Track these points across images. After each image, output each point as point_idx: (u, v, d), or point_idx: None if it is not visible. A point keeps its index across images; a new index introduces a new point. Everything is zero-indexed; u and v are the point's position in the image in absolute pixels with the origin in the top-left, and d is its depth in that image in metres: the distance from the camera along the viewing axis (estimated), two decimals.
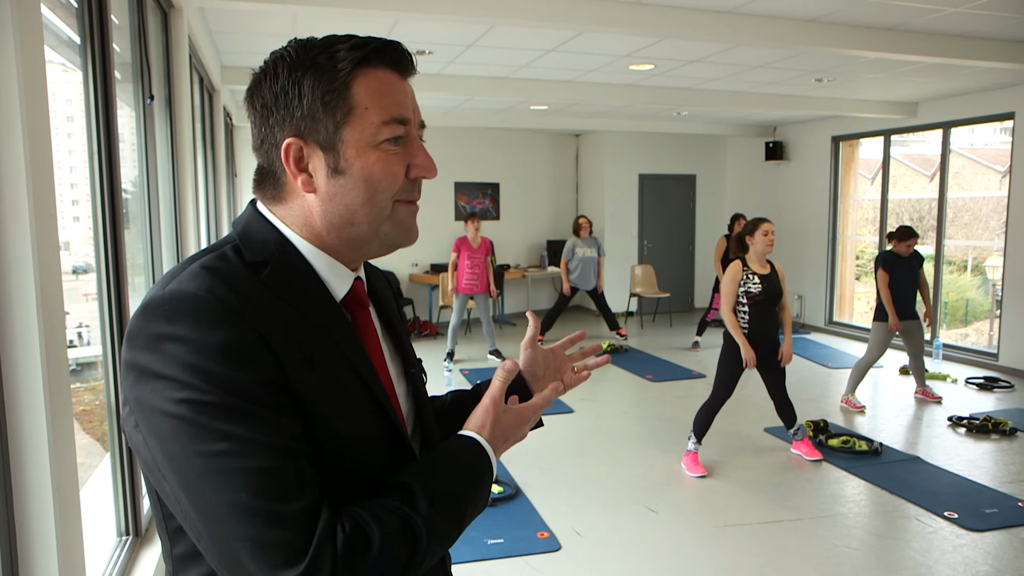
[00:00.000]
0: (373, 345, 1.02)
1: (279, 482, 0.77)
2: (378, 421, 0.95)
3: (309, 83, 0.90)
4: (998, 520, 4.03)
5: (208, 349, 0.79)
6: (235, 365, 0.79)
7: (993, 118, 7.83)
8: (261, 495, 0.76)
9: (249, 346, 0.81)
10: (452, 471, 0.93)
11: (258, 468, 0.77)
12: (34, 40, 1.50)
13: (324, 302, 0.95)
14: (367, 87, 0.91)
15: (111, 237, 2.44)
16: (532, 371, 1.25)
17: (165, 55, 3.72)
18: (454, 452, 0.97)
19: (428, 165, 0.96)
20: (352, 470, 0.90)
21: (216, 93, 6.07)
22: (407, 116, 0.94)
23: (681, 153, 11.55)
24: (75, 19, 2.32)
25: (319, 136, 0.91)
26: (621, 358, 8.30)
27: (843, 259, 10.00)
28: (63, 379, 1.59)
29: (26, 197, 1.43)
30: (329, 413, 0.88)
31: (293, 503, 0.77)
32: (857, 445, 5.11)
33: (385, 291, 1.16)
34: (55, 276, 1.58)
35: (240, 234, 0.95)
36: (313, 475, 0.81)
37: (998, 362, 7.69)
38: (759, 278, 4.68)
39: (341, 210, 0.93)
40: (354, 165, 0.91)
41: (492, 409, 1.01)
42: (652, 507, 4.26)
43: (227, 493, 0.76)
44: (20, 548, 1.49)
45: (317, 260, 0.96)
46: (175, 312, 0.81)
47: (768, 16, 4.84)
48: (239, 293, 0.85)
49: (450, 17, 4.32)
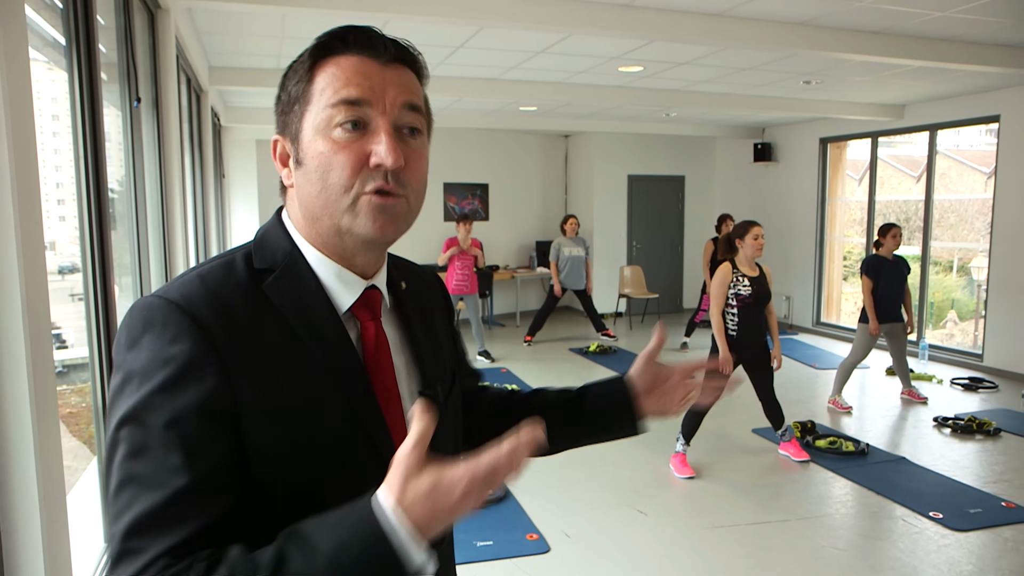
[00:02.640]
0: (383, 359, 0.96)
1: (150, 518, 0.76)
2: (360, 441, 0.90)
3: (287, 81, 0.93)
4: (982, 520, 4.06)
5: (160, 363, 0.80)
6: (177, 383, 0.80)
7: (979, 120, 7.89)
8: (129, 524, 0.76)
9: (200, 364, 0.81)
10: (329, 550, 0.71)
11: (138, 499, 0.77)
12: (18, 41, 1.49)
13: (322, 314, 0.91)
14: (325, 73, 0.89)
15: (97, 237, 2.42)
16: (642, 384, 1.18)
17: (152, 56, 3.69)
18: (350, 523, 0.73)
19: (386, 152, 0.86)
20: (317, 487, 0.85)
21: (204, 94, 6.04)
22: (360, 97, 0.87)
23: (670, 154, 11.58)
24: (60, 20, 2.31)
25: (291, 129, 0.92)
26: (610, 359, 8.32)
27: (831, 260, 10.05)
28: (49, 381, 1.57)
29: (10, 196, 1.41)
30: (291, 430, 0.85)
31: (152, 541, 0.76)
32: (844, 446, 5.13)
33: (428, 302, 1.11)
34: (40, 276, 1.57)
35: (256, 240, 0.96)
36: (192, 515, 0.77)
37: (983, 363, 7.75)
38: (749, 280, 4.69)
39: (305, 202, 0.91)
40: (308, 153, 0.89)
41: (400, 471, 0.73)
42: (641, 509, 4.26)
43: (112, 507, 0.79)
44: (5, 554, 1.47)
45: (323, 268, 0.93)
46: (149, 319, 0.83)
47: (757, 19, 4.86)
48: (220, 306, 0.85)
49: (439, 19, 4.31)
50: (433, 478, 0.72)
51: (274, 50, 5.80)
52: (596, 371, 7.82)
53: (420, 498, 0.71)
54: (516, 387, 1.33)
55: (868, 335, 6.12)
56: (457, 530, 0.87)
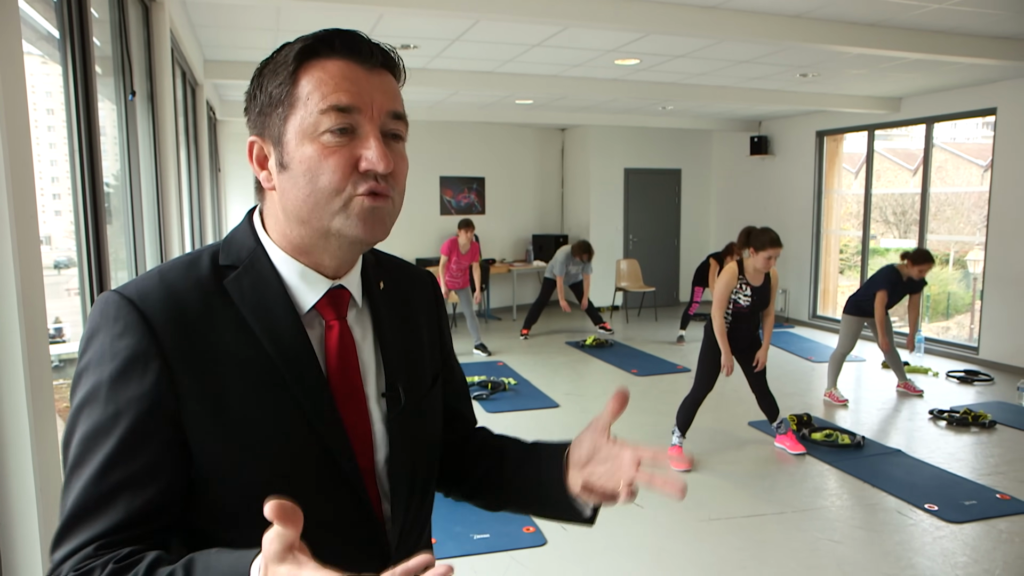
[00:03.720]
0: (347, 359, 0.96)
1: (83, 503, 0.82)
2: (312, 444, 0.90)
3: (265, 81, 0.92)
4: (977, 512, 4.08)
5: (108, 355, 0.84)
6: (121, 376, 0.84)
7: (975, 113, 7.90)
8: (68, 507, 0.82)
9: (144, 359, 0.84)
10: None
11: (77, 482, 0.83)
12: (12, 34, 1.48)
13: (280, 312, 0.92)
14: (310, 77, 0.88)
15: (93, 231, 2.42)
16: (580, 457, 1.04)
17: (147, 49, 3.68)
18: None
19: (377, 158, 0.87)
20: (269, 491, 0.73)
21: (199, 87, 6.02)
22: (350, 104, 0.87)
23: (666, 148, 11.57)
24: (54, 13, 2.30)
25: (273, 131, 0.91)
26: (606, 352, 8.34)
27: (827, 253, 10.06)
28: (45, 375, 1.57)
29: (6, 190, 1.41)
30: (236, 432, 0.86)
31: (82, 527, 0.81)
32: (840, 439, 5.15)
33: (414, 302, 1.11)
34: (36, 271, 1.56)
35: (225, 239, 0.97)
36: (120, 507, 0.82)
37: (978, 356, 7.77)
38: (751, 290, 4.69)
39: (290, 205, 0.91)
40: (294, 158, 0.88)
41: (268, 547, 0.65)
42: (637, 501, 4.27)
43: (63, 494, 0.84)
44: (3, 546, 1.48)
45: (286, 267, 0.94)
46: (104, 312, 0.87)
47: (753, 12, 4.85)
48: (173, 303, 0.88)
49: (435, 11, 4.30)
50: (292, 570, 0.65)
51: (269, 43, 5.78)
52: (592, 364, 7.84)
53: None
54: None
55: (853, 324, 6.16)
56: (455, 523, 0.88)
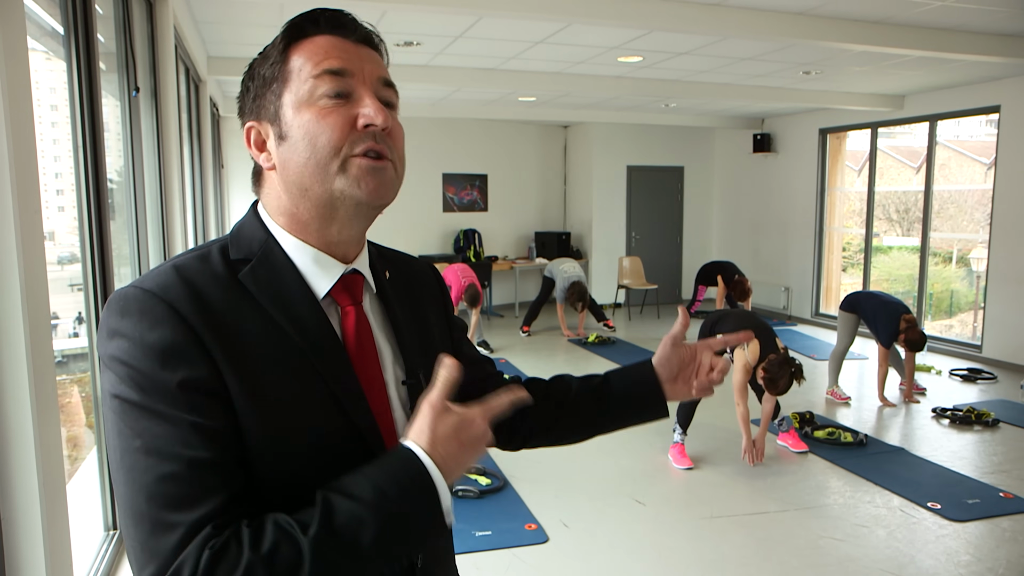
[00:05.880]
0: (365, 345, 0.97)
1: (177, 490, 0.77)
2: (344, 428, 0.90)
3: (256, 68, 0.95)
4: (980, 510, 4.07)
5: (143, 348, 0.81)
6: (165, 366, 0.80)
7: (979, 111, 7.88)
8: (155, 500, 0.77)
9: (183, 348, 0.81)
10: (371, 493, 0.80)
11: (159, 474, 0.78)
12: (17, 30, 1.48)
13: (300, 300, 0.92)
14: (300, 52, 0.92)
15: (96, 227, 2.42)
16: (667, 370, 1.20)
17: (150, 45, 3.68)
18: (386, 468, 0.83)
19: (374, 112, 0.89)
20: (303, 476, 0.85)
21: (202, 83, 6.02)
22: (343, 67, 0.90)
23: (669, 145, 11.55)
24: (58, 9, 2.30)
25: (268, 112, 0.93)
26: (609, 350, 8.33)
27: (830, 251, 10.05)
28: (48, 371, 1.58)
29: (9, 186, 1.41)
30: (273, 419, 0.85)
31: (185, 513, 0.77)
32: (842, 436, 5.15)
33: (420, 289, 1.12)
34: (40, 266, 1.57)
35: (232, 233, 0.97)
36: (218, 485, 0.79)
37: (982, 354, 7.76)
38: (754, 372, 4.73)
39: (293, 176, 0.91)
40: (293, 126, 0.90)
41: (429, 414, 0.85)
42: (639, 499, 4.28)
43: (130, 492, 0.79)
44: (6, 542, 1.48)
45: (299, 254, 0.94)
46: (126, 309, 0.83)
47: (756, 9, 4.84)
48: (195, 295, 0.85)
49: (438, 8, 4.30)
50: (457, 417, 0.85)
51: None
52: (595, 361, 7.83)
53: (447, 436, 0.84)
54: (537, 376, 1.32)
55: (850, 321, 6.17)
56: (457, 520, 0.90)
